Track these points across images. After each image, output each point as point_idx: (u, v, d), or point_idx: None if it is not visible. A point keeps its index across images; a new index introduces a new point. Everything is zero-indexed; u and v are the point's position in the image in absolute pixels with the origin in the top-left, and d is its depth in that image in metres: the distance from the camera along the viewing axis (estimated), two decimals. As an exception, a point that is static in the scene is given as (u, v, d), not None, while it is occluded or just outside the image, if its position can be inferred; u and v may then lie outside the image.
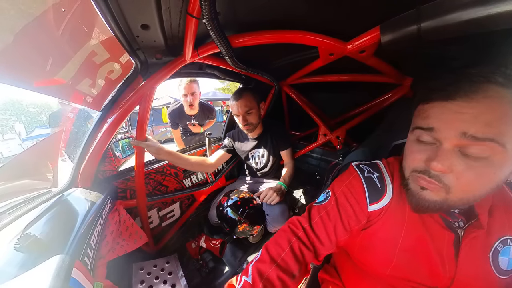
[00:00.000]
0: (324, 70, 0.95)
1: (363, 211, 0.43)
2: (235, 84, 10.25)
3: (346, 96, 1.41)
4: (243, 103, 1.01)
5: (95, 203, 0.69)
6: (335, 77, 1.04)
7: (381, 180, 0.45)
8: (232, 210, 0.99)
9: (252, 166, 1.27)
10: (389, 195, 0.43)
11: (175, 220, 1.21)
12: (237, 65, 0.79)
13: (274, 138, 1.18)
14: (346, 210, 0.44)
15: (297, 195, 1.35)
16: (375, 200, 0.43)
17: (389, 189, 0.43)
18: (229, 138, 1.26)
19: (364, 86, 1.13)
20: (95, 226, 0.63)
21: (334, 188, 0.48)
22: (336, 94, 1.45)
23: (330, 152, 1.42)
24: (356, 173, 0.47)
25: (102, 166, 0.87)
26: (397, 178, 0.44)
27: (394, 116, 0.82)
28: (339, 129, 1.16)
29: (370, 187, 0.44)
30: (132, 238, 0.84)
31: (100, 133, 0.77)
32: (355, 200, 0.44)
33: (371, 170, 0.47)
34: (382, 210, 0.43)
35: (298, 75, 1.12)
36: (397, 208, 0.42)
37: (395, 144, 0.66)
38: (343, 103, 1.38)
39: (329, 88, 1.38)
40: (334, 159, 1.27)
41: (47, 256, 0.43)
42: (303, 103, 1.31)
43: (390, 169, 0.46)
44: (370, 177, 0.45)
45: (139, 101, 0.77)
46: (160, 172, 1.09)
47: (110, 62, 0.65)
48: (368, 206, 0.43)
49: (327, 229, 0.44)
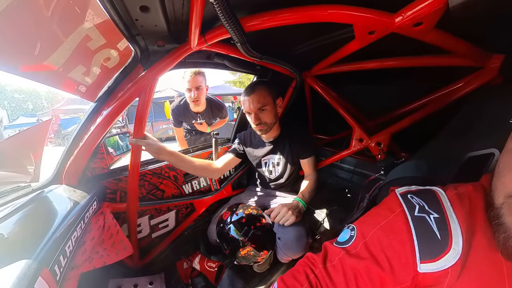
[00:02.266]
0: (360, 56, 0.89)
1: (405, 270, 0.36)
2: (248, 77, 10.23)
3: (391, 89, 1.31)
4: (256, 98, 0.99)
5: (78, 203, 0.70)
6: (377, 63, 0.96)
7: (441, 225, 0.36)
8: (235, 228, 0.96)
9: (265, 175, 1.25)
10: (457, 251, 0.34)
11: (167, 232, 1.21)
12: (250, 53, 0.77)
13: (293, 142, 1.15)
14: (378, 263, 0.37)
15: (319, 216, 1.27)
16: (431, 257, 0.35)
17: (456, 241, 0.34)
18: (239, 140, 1.26)
19: (419, 73, 1.03)
20: (74, 229, 0.63)
21: (363, 229, 0.42)
22: (378, 86, 1.35)
23: (368, 163, 1.33)
24: (401, 210, 0.39)
25: (92, 162, 0.89)
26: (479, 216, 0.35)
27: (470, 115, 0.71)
28: (381, 133, 1.07)
29: (421, 235, 0.36)
30: (115, 248, 0.84)
31: (93, 126, 0.80)
32: (393, 252, 0.37)
33: (425, 206, 0.38)
34: (447, 273, 0.34)
35: (326, 63, 1.08)
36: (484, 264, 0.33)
37: (471, 156, 0.56)
38: (387, 98, 1.29)
39: (368, 79, 1.32)
40: (372, 173, 1.18)
41: (11, 260, 0.43)
42: (332, 99, 1.26)
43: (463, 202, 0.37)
44: (422, 219, 0.37)
45: (139, 93, 0.78)
46: (157, 174, 1.10)
47: (107, 49, 0.67)
48: (419, 265, 0.35)
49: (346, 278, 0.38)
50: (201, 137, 1.93)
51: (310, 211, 1.30)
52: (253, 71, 1.25)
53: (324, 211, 1.29)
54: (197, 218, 1.29)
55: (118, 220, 0.93)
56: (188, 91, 1.53)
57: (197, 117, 1.71)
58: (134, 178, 0.92)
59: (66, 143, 0.82)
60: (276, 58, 0.99)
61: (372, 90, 1.38)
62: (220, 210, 1.23)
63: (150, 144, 0.87)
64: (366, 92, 1.40)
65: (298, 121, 1.25)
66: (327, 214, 1.27)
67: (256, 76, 1.32)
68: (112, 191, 0.96)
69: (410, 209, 0.39)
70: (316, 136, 1.60)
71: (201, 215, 1.30)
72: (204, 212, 1.30)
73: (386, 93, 1.32)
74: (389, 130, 1.06)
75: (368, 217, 0.43)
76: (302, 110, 1.48)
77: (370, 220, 0.43)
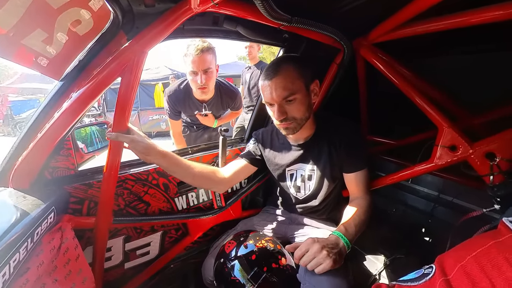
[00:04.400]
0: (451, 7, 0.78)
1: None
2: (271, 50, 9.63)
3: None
4: (281, 83, 0.91)
5: (28, 214, 0.65)
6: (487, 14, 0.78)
7: None
8: (241, 268, 0.87)
9: (290, 193, 1.17)
10: None
11: (147, 262, 1.15)
12: (275, 14, 0.73)
13: (335, 147, 1.04)
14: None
15: (372, 266, 1.16)
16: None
17: None
18: (256, 141, 1.19)
19: None
20: (17, 251, 0.58)
21: (446, 262, 0.42)
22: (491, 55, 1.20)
23: (467, 189, 1.17)
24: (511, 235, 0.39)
25: (53, 160, 0.85)
26: None
27: None
28: (494, 137, 0.88)
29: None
30: (70, 281, 0.77)
31: (57, 112, 0.76)
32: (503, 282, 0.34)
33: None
34: None
35: (394, 22, 0.94)
36: None
37: None
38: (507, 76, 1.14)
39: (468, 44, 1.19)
40: (475, 205, 1.10)
41: None
42: (402, 80, 1.08)
43: None
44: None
45: (121, 71, 0.74)
46: (142, 180, 1.04)
47: (75, 8, 0.62)
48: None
49: None
50: (204, 134, 1.89)
51: (359, 256, 1.23)
52: (278, 42, 1.16)
53: (382, 258, 1.19)
54: (190, 245, 1.24)
55: (81, 240, 0.89)
56: (192, 74, 1.43)
57: (201, 107, 1.65)
58: (109, 184, 0.86)
59: (19, 132, 0.78)
60: (313, 20, 0.89)
61: (480, 62, 1.22)
62: (222, 238, 1.16)
63: (135, 141, 0.81)
64: (469, 67, 1.24)
65: (345, 115, 1.12)
66: (387, 264, 1.15)
67: (282, 49, 1.23)
68: (78, 199, 0.91)
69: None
70: (373, 138, 1.48)
71: (196, 241, 1.25)
72: (200, 237, 1.24)
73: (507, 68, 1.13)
74: None
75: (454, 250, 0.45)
76: (352, 98, 1.37)
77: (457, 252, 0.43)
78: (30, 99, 9.92)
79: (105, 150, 0.87)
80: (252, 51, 2.48)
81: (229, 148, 1.31)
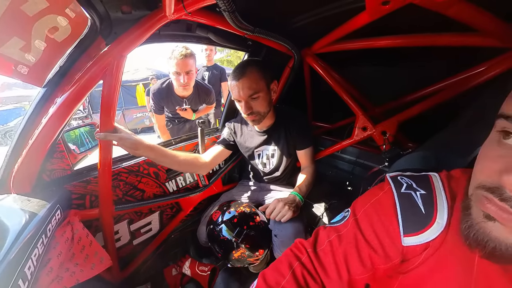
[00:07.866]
0: (370, 32, 0.86)
1: (394, 245, 0.40)
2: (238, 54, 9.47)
3: (402, 72, 1.28)
4: (247, 84, 0.93)
5: (36, 214, 0.64)
6: (389, 40, 0.91)
7: (427, 201, 0.40)
8: (227, 229, 0.95)
9: (258, 168, 1.24)
10: (441, 224, 0.38)
11: (151, 237, 1.17)
12: (240, 24, 0.73)
13: (289, 131, 1.13)
14: (367, 239, 0.41)
15: (317, 211, 1.28)
16: (414, 230, 0.39)
17: (441, 215, 0.38)
18: (229, 129, 1.22)
19: (436, 54, 1.02)
20: (35, 247, 0.58)
21: (356, 207, 0.47)
22: (388, 68, 1.32)
23: (371, 154, 1.32)
24: (389, 187, 0.44)
25: (49, 163, 0.81)
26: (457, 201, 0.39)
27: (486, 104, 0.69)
28: (387, 121, 1.05)
29: (405, 210, 0.40)
30: (89, 262, 0.79)
31: (44, 118, 0.71)
32: (382, 227, 0.41)
33: (413, 185, 0.43)
34: (427, 246, 0.38)
35: (330, 39, 1.02)
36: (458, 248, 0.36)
37: None
38: (399, 82, 1.26)
39: (377, 59, 1.28)
40: (376, 164, 1.19)
41: None
42: (334, 82, 1.20)
43: (452, 185, 0.41)
44: (408, 196, 0.41)
45: (103, 74, 0.71)
46: (134, 171, 1.04)
47: (51, 15, 0.57)
48: (402, 238, 0.39)
49: (336, 259, 0.42)
50: (185, 125, 1.90)
51: (308, 206, 1.31)
52: (243, 48, 1.17)
53: (323, 205, 1.30)
54: (184, 218, 1.26)
55: (91, 229, 0.88)
56: (176, 74, 1.47)
57: (182, 102, 1.66)
58: (105, 179, 0.85)
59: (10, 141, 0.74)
60: (271, 32, 0.91)
61: (381, 72, 1.35)
62: (210, 209, 1.21)
63: (123, 139, 0.79)
64: (374, 74, 1.37)
65: (295, 107, 1.22)
66: (326, 208, 1.27)
67: (247, 53, 1.24)
68: (80, 195, 0.88)
69: (398, 187, 0.43)
70: (316, 123, 1.58)
71: (189, 214, 1.27)
72: (192, 211, 1.27)
73: (398, 76, 1.28)
74: (396, 118, 1.03)
75: (361, 197, 0.48)
76: (300, 94, 1.44)
77: (362, 200, 0.47)
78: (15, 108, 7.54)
79: (97, 148, 0.83)
80: (211, 54, 2.51)
81: (207, 137, 1.32)
